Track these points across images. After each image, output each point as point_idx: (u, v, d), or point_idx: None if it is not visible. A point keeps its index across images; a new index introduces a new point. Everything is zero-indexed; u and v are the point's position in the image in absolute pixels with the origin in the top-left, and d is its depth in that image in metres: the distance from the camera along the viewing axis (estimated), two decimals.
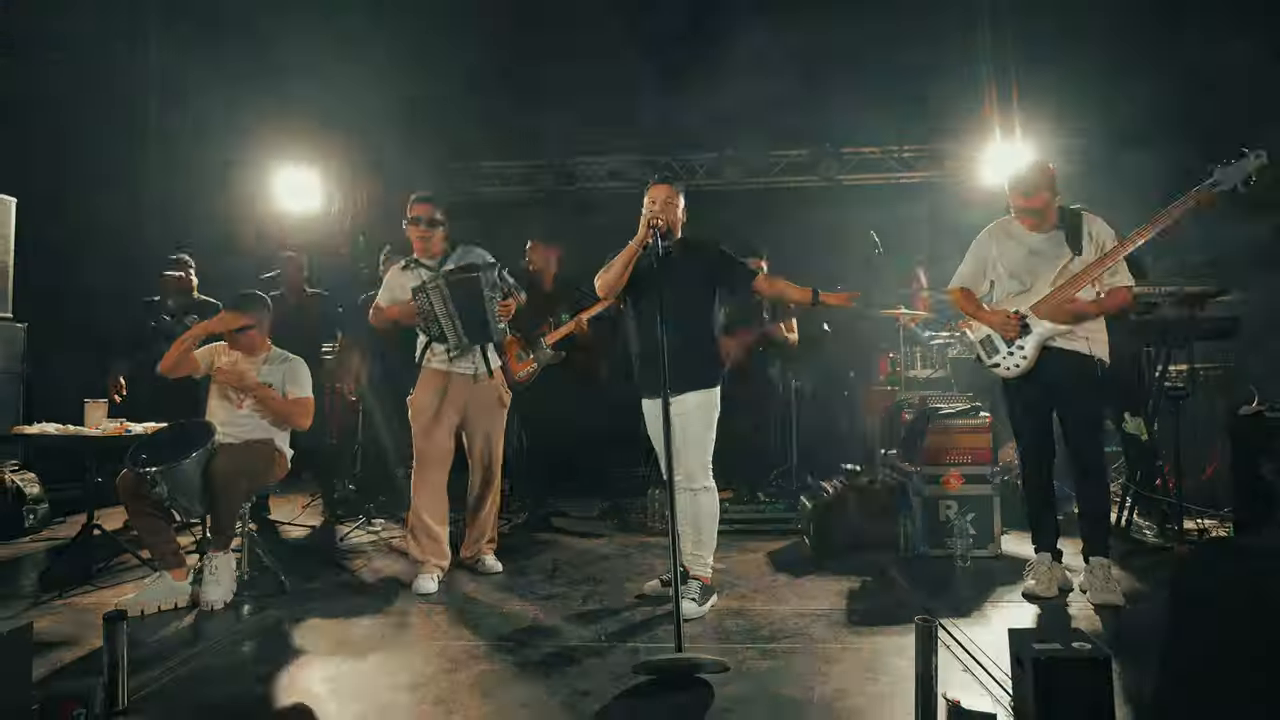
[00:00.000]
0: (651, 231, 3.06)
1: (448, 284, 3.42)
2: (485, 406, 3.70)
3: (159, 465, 3.11)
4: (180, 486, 3.18)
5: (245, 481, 3.31)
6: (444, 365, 3.62)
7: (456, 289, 3.43)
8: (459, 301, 3.43)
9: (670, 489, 2.80)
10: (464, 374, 3.65)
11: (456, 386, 3.63)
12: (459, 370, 3.64)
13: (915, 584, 3.42)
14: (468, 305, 3.46)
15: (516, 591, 3.41)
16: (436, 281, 3.43)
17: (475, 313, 3.48)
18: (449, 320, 3.44)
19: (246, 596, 3.32)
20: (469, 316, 3.46)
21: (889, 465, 4.58)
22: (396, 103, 7.34)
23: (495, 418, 3.75)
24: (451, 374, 3.62)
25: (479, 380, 3.66)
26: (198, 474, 3.24)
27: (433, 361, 3.64)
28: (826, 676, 2.38)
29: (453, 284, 3.43)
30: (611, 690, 2.31)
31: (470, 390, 3.65)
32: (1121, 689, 2.16)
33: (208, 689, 2.37)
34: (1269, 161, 2.89)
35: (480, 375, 3.66)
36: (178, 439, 3.32)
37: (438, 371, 3.63)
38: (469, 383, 3.65)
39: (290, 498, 5.55)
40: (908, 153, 7.89)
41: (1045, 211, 3.18)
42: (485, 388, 3.69)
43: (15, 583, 3.67)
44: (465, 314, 3.45)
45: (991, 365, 3.32)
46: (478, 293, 3.47)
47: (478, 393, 3.67)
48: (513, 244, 5.35)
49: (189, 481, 3.21)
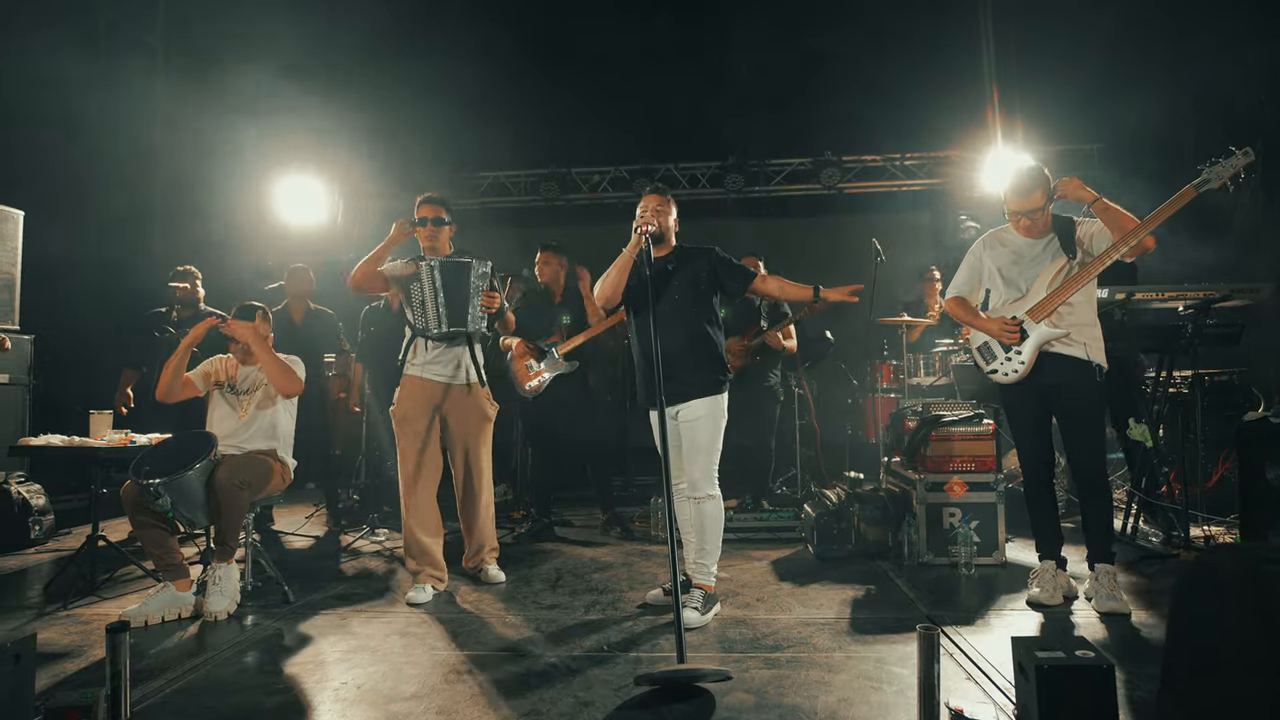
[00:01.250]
0: (644, 238, 3.09)
1: (440, 264, 3.52)
2: (468, 417, 3.64)
3: (162, 477, 3.13)
4: (183, 498, 3.20)
5: (248, 492, 3.32)
6: (424, 371, 3.59)
7: (447, 270, 3.52)
8: (447, 281, 3.50)
9: (669, 497, 2.80)
10: (444, 380, 3.60)
11: (437, 394, 3.59)
12: (438, 377, 3.59)
13: (919, 592, 3.41)
14: (454, 287, 3.51)
15: (519, 601, 3.41)
16: (431, 262, 3.52)
17: (460, 295, 3.52)
18: (434, 296, 3.48)
19: (251, 607, 3.33)
20: (453, 297, 3.50)
21: (892, 473, 4.57)
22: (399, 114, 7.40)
23: (478, 430, 3.68)
24: (433, 381, 3.59)
25: (462, 389, 3.62)
26: (200, 485, 3.26)
27: (414, 366, 3.61)
28: (830, 686, 2.37)
29: (445, 265, 3.53)
30: (614, 700, 2.31)
31: (453, 399, 3.61)
32: (1125, 698, 2.15)
33: (211, 699, 2.37)
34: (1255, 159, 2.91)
35: (463, 384, 3.62)
36: (180, 451, 3.34)
37: (418, 379, 3.59)
38: (451, 391, 3.61)
39: (295, 508, 5.57)
40: (910, 161, 7.90)
41: (1040, 213, 3.19)
42: (469, 398, 3.64)
43: (21, 593, 3.69)
44: (450, 294, 3.50)
45: (990, 371, 3.32)
46: (465, 278, 3.54)
47: (461, 402, 3.63)
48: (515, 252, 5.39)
49: (192, 492, 3.23)
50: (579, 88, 7.70)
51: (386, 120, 7.54)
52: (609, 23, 7.27)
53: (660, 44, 7.16)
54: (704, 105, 7.77)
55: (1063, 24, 6.72)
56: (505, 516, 5.27)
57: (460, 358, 3.64)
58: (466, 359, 3.65)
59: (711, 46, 7.75)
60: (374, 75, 7.12)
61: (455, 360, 3.63)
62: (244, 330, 3.61)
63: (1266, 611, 1.27)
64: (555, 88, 7.66)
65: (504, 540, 4.71)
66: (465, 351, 3.65)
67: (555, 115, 7.89)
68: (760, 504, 5.08)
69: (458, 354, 3.64)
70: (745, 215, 8.35)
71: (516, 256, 5.47)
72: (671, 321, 3.17)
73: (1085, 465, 3.19)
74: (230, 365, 3.73)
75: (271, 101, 7.02)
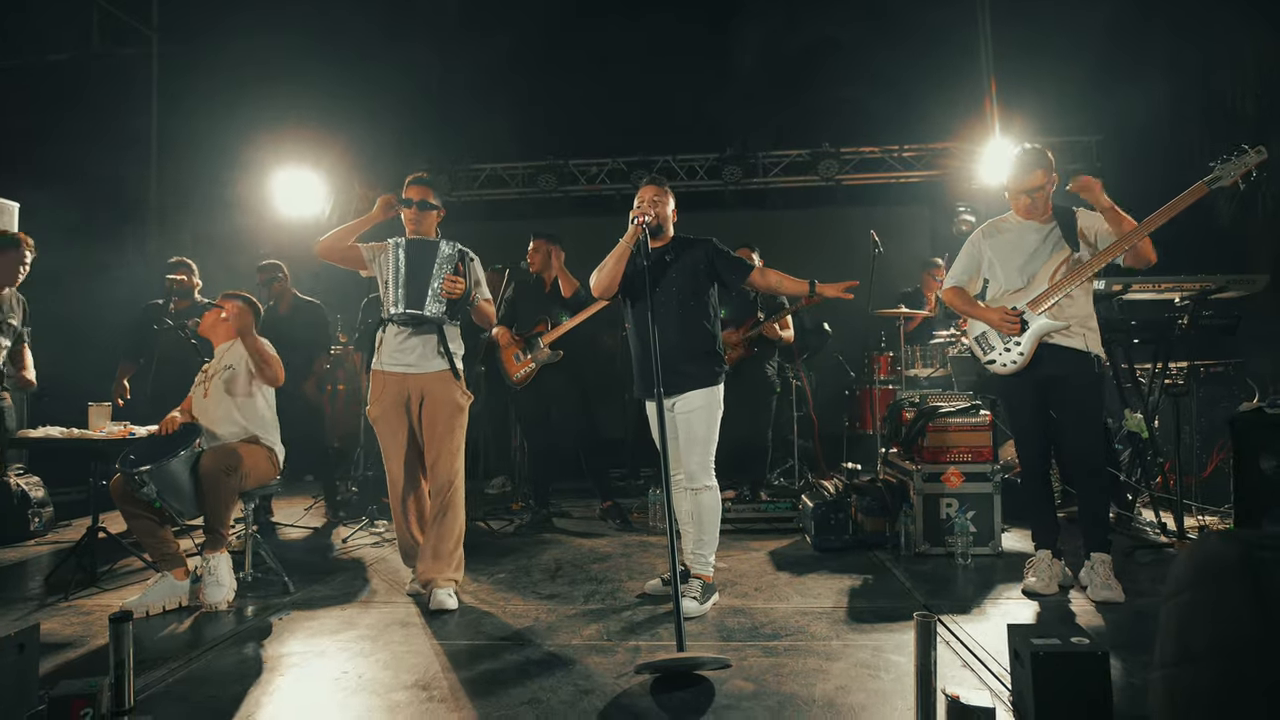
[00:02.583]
0: (641, 229, 3.09)
1: (407, 243, 3.40)
2: (436, 407, 3.38)
3: (146, 465, 3.14)
4: (168, 486, 3.20)
5: (234, 478, 3.28)
6: (390, 364, 3.41)
7: (412, 248, 3.38)
8: (410, 259, 3.36)
9: (667, 487, 2.80)
10: (410, 370, 3.39)
11: (405, 385, 3.39)
12: (405, 368, 3.39)
13: (916, 581, 3.43)
14: (416, 266, 3.36)
15: (519, 590, 3.43)
16: (400, 240, 3.40)
17: (421, 275, 3.35)
18: (395, 274, 3.35)
19: (250, 598, 3.34)
20: (413, 277, 3.35)
21: (890, 464, 4.59)
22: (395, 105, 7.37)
23: (447, 419, 3.40)
24: (399, 374, 3.40)
25: (431, 378, 3.40)
26: (185, 473, 3.27)
27: (380, 360, 3.44)
28: (827, 674, 2.39)
29: (410, 243, 3.40)
30: (614, 688, 2.32)
31: (422, 388, 3.39)
32: (1120, 684, 2.17)
33: (213, 689, 2.38)
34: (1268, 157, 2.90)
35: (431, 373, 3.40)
36: (168, 442, 3.36)
37: (384, 374, 3.42)
38: (419, 380, 3.39)
39: (293, 500, 5.58)
40: (908, 153, 7.90)
41: (1039, 193, 3.19)
42: (439, 386, 3.40)
43: (22, 585, 3.70)
44: (410, 273, 3.35)
45: (987, 362, 3.33)
46: (431, 259, 3.37)
47: (430, 391, 3.39)
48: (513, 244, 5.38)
49: (176, 481, 3.24)
50: (577, 80, 7.68)
51: (383, 112, 7.51)
52: (607, 15, 7.25)
53: (658, 36, 7.14)
54: (702, 97, 7.76)
55: (1061, 15, 6.71)
56: (504, 508, 5.30)
57: (425, 345, 3.42)
58: (434, 346, 3.43)
59: (709, 38, 7.73)
60: (371, 67, 7.09)
61: (419, 348, 3.41)
62: (233, 308, 3.61)
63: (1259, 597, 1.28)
64: (553, 80, 7.64)
65: (503, 531, 4.73)
66: (434, 339, 3.43)
67: (553, 107, 7.88)
68: (758, 495, 5.11)
69: (423, 341, 3.42)
70: (743, 207, 8.35)
71: (514, 249, 5.46)
72: (668, 312, 3.18)
73: (1083, 456, 3.20)
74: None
75: (267, 93, 7.00)
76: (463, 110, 7.45)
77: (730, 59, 7.59)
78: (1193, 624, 1.38)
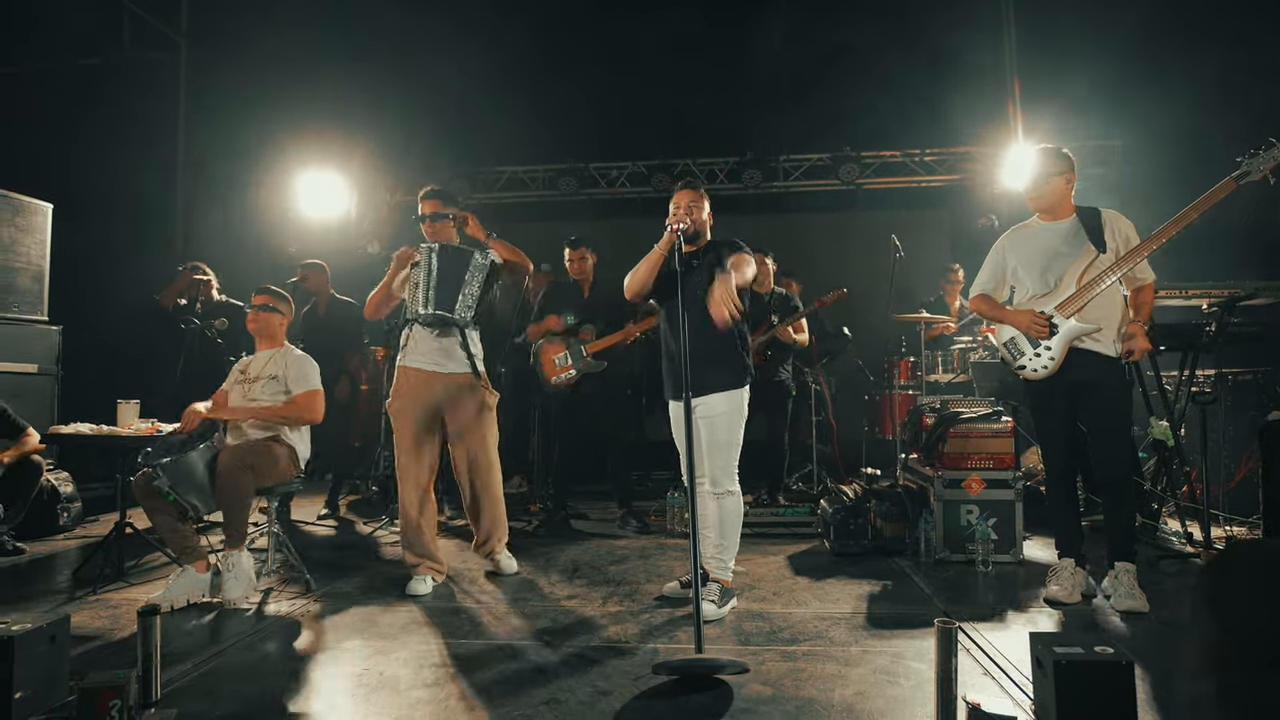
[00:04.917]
0: (675, 236, 3.08)
1: (441, 248, 3.54)
2: (465, 407, 3.57)
3: (163, 459, 3.20)
4: (184, 481, 3.25)
5: (251, 476, 3.31)
6: (414, 360, 3.54)
7: (445, 254, 3.53)
8: (443, 265, 3.51)
9: (691, 491, 2.80)
10: (435, 369, 3.53)
11: (429, 383, 3.53)
12: (429, 365, 3.53)
13: (936, 588, 3.41)
14: (449, 272, 3.51)
15: (538, 592, 3.44)
16: (433, 245, 3.54)
17: (453, 281, 3.50)
18: (427, 277, 3.48)
19: (272, 595, 3.38)
20: (445, 281, 3.49)
21: (909, 469, 4.56)
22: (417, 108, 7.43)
23: (477, 418, 3.60)
24: (423, 370, 3.53)
25: (457, 379, 3.55)
26: (202, 469, 3.32)
27: (405, 357, 3.57)
28: (846, 679, 2.38)
29: (445, 249, 3.54)
30: (632, 690, 2.33)
31: (448, 390, 3.54)
32: (1144, 694, 2.15)
33: (238, 683, 2.41)
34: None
35: (456, 373, 3.55)
36: (188, 438, 3.42)
37: (409, 369, 3.55)
38: (445, 381, 3.54)
39: (315, 499, 5.64)
40: (929, 157, 7.85)
41: (1059, 195, 3.16)
42: (465, 388, 3.57)
43: (52, 578, 3.77)
44: (443, 278, 3.49)
45: (1018, 368, 3.27)
46: (464, 266, 3.53)
47: (457, 393, 3.55)
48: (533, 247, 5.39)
49: (192, 476, 3.28)
50: (597, 83, 7.71)
51: (404, 115, 7.58)
52: (628, 17, 7.27)
53: (679, 39, 7.15)
54: (722, 101, 7.76)
55: (1085, 18, 6.64)
56: (522, 509, 5.32)
57: (451, 347, 3.56)
58: (459, 348, 3.57)
59: (730, 42, 7.73)
60: (393, 70, 7.16)
61: (446, 349, 3.56)
62: (235, 417, 3.60)
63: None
64: (573, 83, 7.67)
65: (521, 531, 4.75)
66: (456, 342, 3.57)
67: (573, 110, 7.91)
68: (776, 499, 5.09)
69: (449, 343, 3.56)
70: (763, 211, 8.34)
71: (534, 251, 5.48)
72: (694, 315, 3.17)
73: (1110, 463, 3.15)
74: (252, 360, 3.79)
75: (293, 96, 7.10)
76: (483, 113, 7.50)
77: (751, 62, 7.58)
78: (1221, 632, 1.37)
